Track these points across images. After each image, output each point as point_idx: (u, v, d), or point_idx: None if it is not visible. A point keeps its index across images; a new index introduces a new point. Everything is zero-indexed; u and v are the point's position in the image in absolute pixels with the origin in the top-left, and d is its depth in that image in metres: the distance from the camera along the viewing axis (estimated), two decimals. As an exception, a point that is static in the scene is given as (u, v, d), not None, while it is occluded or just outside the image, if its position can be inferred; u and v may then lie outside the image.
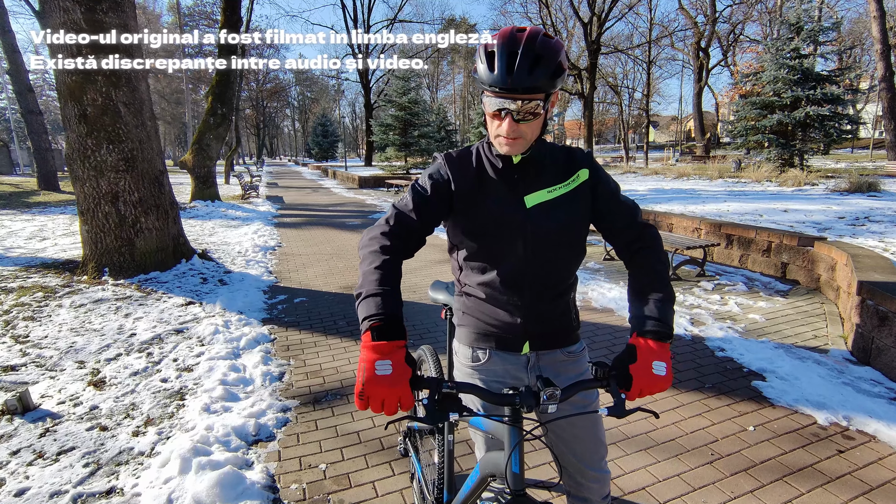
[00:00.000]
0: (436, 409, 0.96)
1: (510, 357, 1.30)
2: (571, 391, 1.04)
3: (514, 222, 1.21)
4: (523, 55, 1.05)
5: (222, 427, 2.58)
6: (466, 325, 1.34)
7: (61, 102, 5.05)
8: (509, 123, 1.10)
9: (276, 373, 3.34)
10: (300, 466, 2.36)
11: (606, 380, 1.06)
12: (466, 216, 1.24)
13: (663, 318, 1.14)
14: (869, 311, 3.36)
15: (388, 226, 1.20)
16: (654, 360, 1.08)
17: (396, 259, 1.15)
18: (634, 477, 2.25)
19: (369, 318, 1.02)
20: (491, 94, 1.09)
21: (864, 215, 7.18)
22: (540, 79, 1.06)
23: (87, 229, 5.23)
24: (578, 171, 1.26)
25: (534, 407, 0.99)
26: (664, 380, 1.08)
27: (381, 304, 1.04)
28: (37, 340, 3.72)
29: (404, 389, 0.95)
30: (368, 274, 1.10)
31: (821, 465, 2.31)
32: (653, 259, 1.24)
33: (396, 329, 1.02)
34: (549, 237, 1.22)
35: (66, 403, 2.87)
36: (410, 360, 1.00)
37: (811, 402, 2.83)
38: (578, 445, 1.34)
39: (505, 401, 1.02)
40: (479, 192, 1.23)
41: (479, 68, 1.10)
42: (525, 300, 1.25)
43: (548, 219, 1.22)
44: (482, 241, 1.24)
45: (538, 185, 1.23)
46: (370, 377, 0.94)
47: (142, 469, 2.30)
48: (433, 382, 0.97)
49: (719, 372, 3.27)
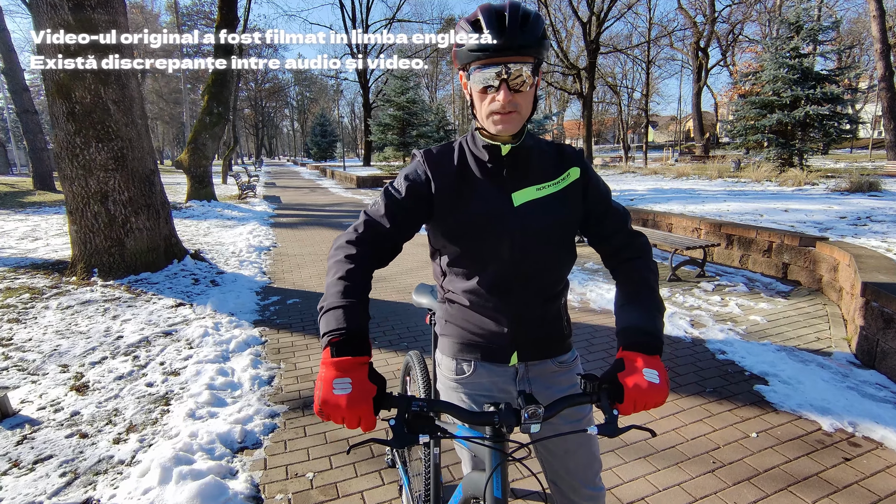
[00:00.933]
0: (404, 431, 0.87)
1: (497, 369, 1.21)
2: (556, 408, 0.95)
3: (500, 221, 1.11)
4: (511, 15, 0.98)
5: (207, 434, 2.49)
6: (450, 334, 1.24)
7: (49, 100, 4.95)
8: (505, 93, 1.00)
9: (266, 377, 3.25)
10: (286, 475, 2.27)
11: (596, 394, 0.96)
12: (449, 217, 1.14)
13: (653, 330, 1.06)
14: (874, 313, 3.28)
15: (356, 233, 1.11)
16: (645, 367, 0.99)
17: (363, 268, 1.06)
18: (633, 486, 2.16)
19: (329, 334, 0.94)
20: (479, 64, 1.01)
21: (866, 215, 7.10)
22: (531, 36, 0.99)
23: (76, 229, 5.13)
24: (569, 168, 1.17)
25: (515, 426, 0.90)
26: (659, 389, 0.98)
27: (342, 317, 0.95)
28: (20, 343, 3.63)
29: (365, 409, 0.86)
30: (331, 286, 1.02)
31: (826, 473, 2.23)
32: (643, 269, 1.16)
33: (359, 344, 0.93)
34: (539, 238, 1.13)
35: (47, 409, 2.78)
36: (376, 377, 0.92)
37: (815, 408, 2.74)
38: (571, 461, 1.25)
39: (483, 420, 0.92)
40: (462, 190, 1.13)
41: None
42: (512, 307, 1.16)
43: (537, 218, 1.12)
44: (466, 244, 1.14)
45: (527, 181, 1.14)
46: (326, 396, 0.86)
47: (121, 479, 2.21)
48: (401, 401, 0.88)
49: (720, 375, 3.19)
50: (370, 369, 0.92)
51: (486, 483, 0.97)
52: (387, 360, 3.51)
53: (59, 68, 4.79)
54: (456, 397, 1.24)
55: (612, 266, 1.22)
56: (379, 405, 0.89)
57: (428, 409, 0.90)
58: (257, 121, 60.48)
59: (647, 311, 1.09)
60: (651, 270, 1.16)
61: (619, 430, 0.91)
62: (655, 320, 1.08)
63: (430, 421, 0.90)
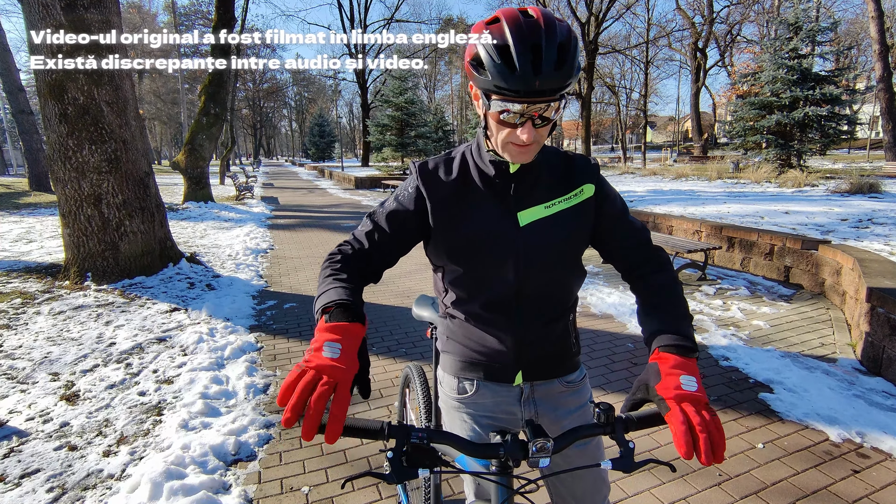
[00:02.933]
0: (402, 465, 0.80)
1: (501, 389, 1.14)
2: (566, 440, 0.87)
3: (504, 242, 1.04)
4: (549, 47, 0.85)
5: (200, 446, 2.42)
6: (451, 352, 1.18)
7: (41, 101, 4.87)
8: (530, 130, 0.90)
9: (261, 385, 3.18)
10: (281, 489, 2.21)
11: (611, 425, 0.88)
12: (449, 234, 1.07)
13: (687, 334, 0.95)
14: (880, 320, 3.23)
15: (340, 249, 1.07)
16: (683, 373, 0.86)
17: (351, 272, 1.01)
18: (638, 500, 2.10)
19: (323, 306, 0.88)
20: (501, 98, 0.88)
21: (867, 217, 7.06)
22: (571, 74, 0.87)
23: (69, 233, 5.06)
24: (583, 185, 1.09)
25: (522, 460, 0.84)
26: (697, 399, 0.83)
27: (335, 294, 0.90)
28: (10, 350, 3.55)
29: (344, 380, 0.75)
30: (322, 283, 0.97)
31: (835, 486, 2.17)
32: (669, 280, 1.08)
33: (353, 313, 0.86)
34: (546, 258, 1.06)
35: (36, 420, 2.71)
36: (364, 356, 0.84)
37: (822, 417, 2.69)
38: (579, 488, 1.19)
39: (488, 453, 0.85)
40: (463, 206, 1.06)
41: (488, 65, 0.87)
42: (516, 325, 1.09)
43: (544, 238, 1.05)
44: (468, 263, 1.07)
45: (533, 199, 1.06)
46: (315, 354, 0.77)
47: (110, 494, 2.14)
48: (400, 432, 0.81)
49: (724, 383, 3.13)
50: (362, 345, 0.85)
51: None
52: (384, 367, 3.44)
53: (51, 69, 4.72)
54: (458, 417, 1.18)
55: (633, 279, 1.14)
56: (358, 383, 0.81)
57: (428, 442, 0.84)
58: (255, 121, 60.37)
59: (679, 317, 0.99)
60: (676, 282, 1.08)
61: (635, 464, 0.83)
62: (688, 326, 0.98)
63: (431, 454, 0.84)
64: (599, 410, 0.88)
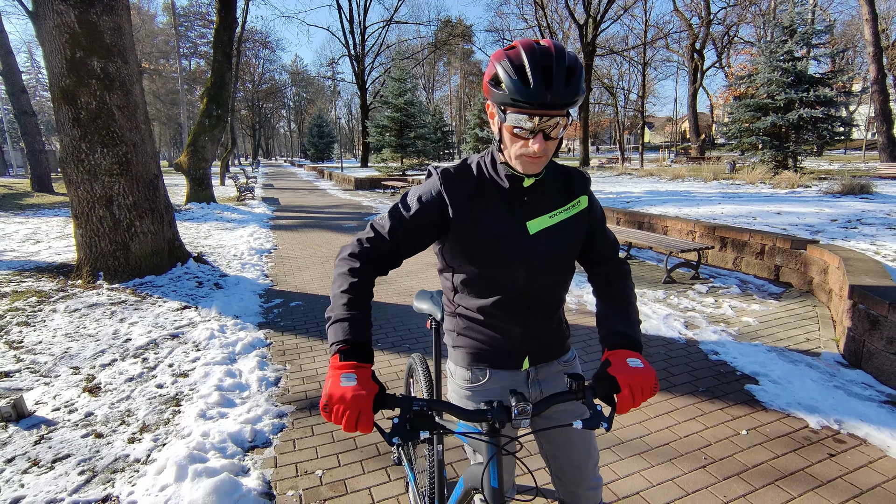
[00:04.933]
0: (406, 429, 0.96)
1: (510, 375, 1.30)
2: (544, 405, 1.05)
3: (516, 248, 1.19)
4: (559, 68, 1.00)
5: (218, 433, 2.58)
6: (463, 346, 1.32)
7: (55, 105, 5.02)
8: (541, 142, 1.05)
9: (272, 378, 3.34)
10: (297, 473, 2.37)
11: (581, 391, 1.06)
12: (466, 239, 1.19)
13: (635, 334, 1.20)
14: (860, 315, 3.40)
15: (360, 247, 1.18)
16: (627, 358, 1.11)
17: (365, 281, 1.14)
18: (628, 482, 2.27)
19: (336, 344, 1.04)
20: (517, 111, 1.03)
21: (857, 218, 7.24)
22: (575, 93, 1.02)
23: (81, 233, 5.21)
24: (579, 197, 1.26)
25: (506, 422, 1.00)
26: (645, 371, 1.08)
27: (348, 329, 1.05)
28: (31, 346, 3.71)
29: (365, 405, 0.95)
30: (337, 298, 1.11)
31: (812, 468, 2.34)
32: (628, 289, 1.30)
33: (363, 353, 1.03)
34: (550, 262, 1.22)
35: (61, 410, 2.86)
36: (377, 381, 1.01)
37: (803, 406, 2.86)
38: (574, 455, 1.35)
39: (478, 417, 1.02)
40: (479, 215, 1.18)
41: (506, 82, 1.02)
42: (522, 320, 1.25)
43: (549, 244, 1.21)
44: (481, 266, 1.21)
45: (540, 209, 1.21)
46: (333, 389, 0.95)
47: (138, 476, 2.30)
48: (404, 401, 0.97)
49: (713, 375, 3.30)
50: (372, 373, 1.02)
51: (482, 473, 1.07)
52: (389, 361, 3.61)
53: (65, 72, 4.87)
54: (471, 405, 1.32)
55: (599, 284, 1.34)
56: (378, 405, 0.98)
57: (428, 409, 1.00)
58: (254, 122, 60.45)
59: (629, 322, 1.23)
60: (632, 291, 1.31)
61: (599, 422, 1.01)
62: (636, 328, 1.22)
63: (430, 419, 1.00)
64: (572, 380, 1.06)
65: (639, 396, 1.06)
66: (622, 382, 1.06)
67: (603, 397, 1.08)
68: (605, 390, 1.08)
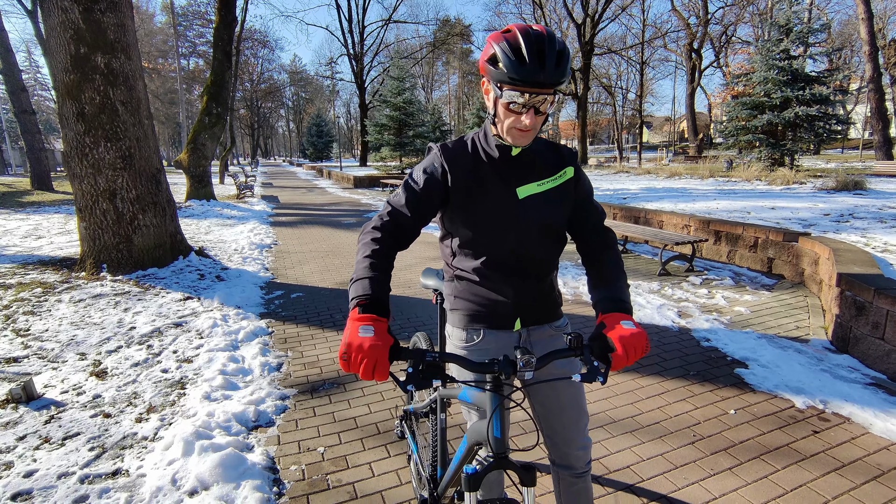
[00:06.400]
0: (420, 377, 1.04)
1: (503, 335, 1.39)
2: (547, 359, 1.13)
3: (508, 212, 1.30)
4: (551, 50, 1.11)
5: (223, 413, 2.66)
6: (459, 308, 1.42)
7: (59, 101, 5.10)
8: (532, 116, 1.16)
9: (275, 363, 3.42)
10: (299, 450, 2.45)
11: (580, 349, 1.15)
12: (463, 207, 1.31)
13: (626, 299, 1.28)
14: (847, 302, 3.49)
15: (381, 220, 1.29)
16: (621, 320, 1.19)
17: (387, 250, 1.24)
18: (619, 457, 2.36)
19: (357, 298, 1.12)
20: (512, 88, 1.13)
21: (849, 212, 7.34)
22: (564, 74, 1.13)
23: (85, 226, 5.28)
24: (565, 168, 1.37)
25: (511, 373, 1.08)
26: (638, 333, 1.16)
27: (367, 286, 1.14)
28: (38, 333, 3.79)
29: (382, 354, 1.02)
30: (360, 262, 1.21)
31: (796, 444, 2.43)
32: (616, 257, 1.38)
33: (381, 308, 1.11)
34: (538, 226, 1.33)
35: (70, 393, 2.95)
36: (392, 334, 1.08)
37: (790, 388, 2.95)
38: (565, 416, 1.44)
39: (485, 368, 1.11)
40: (475, 184, 1.30)
41: (503, 61, 1.12)
42: (514, 281, 1.35)
43: (537, 210, 1.32)
44: (477, 231, 1.32)
45: (529, 177, 1.33)
46: (352, 338, 1.03)
47: (146, 452, 2.38)
48: (417, 353, 1.05)
49: (704, 360, 3.39)
50: (388, 327, 1.11)
51: (487, 424, 1.15)
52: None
53: (70, 67, 4.94)
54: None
55: (587, 252, 1.42)
56: (393, 356, 1.05)
57: (440, 360, 1.09)
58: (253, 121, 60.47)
59: (620, 287, 1.31)
60: (620, 258, 1.39)
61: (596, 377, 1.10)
62: (627, 293, 1.31)
63: (441, 369, 1.08)
64: (570, 338, 1.14)
65: (632, 355, 1.14)
66: (617, 342, 1.14)
67: (599, 356, 1.16)
68: (601, 349, 1.16)
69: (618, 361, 1.14)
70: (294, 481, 2.21)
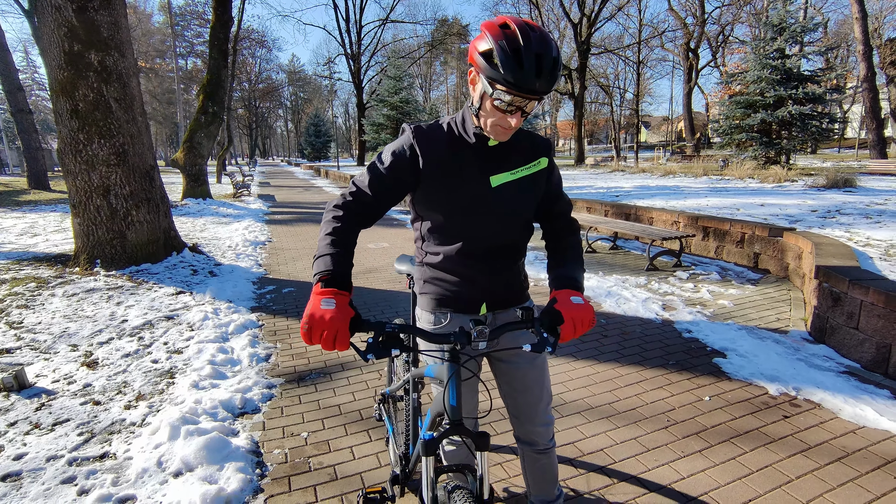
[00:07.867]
0: (379, 346, 1.10)
1: (469, 319, 1.44)
2: (500, 331, 1.20)
3: (480, 200, 1.32)
4: (547, 58, 1.11)
5: (210, 401, 2.73)
6: (428, 292, 1.46)
7: (53, 98, 5.16)
8: (518, 118, 1.17)
9: (263, 354, 3.49)
10: (283, 435, 2.52)
11: (531, 321, 1.21)
12: (433, 191, 1.32)
13: (579, 278, 1.36)
14: (825, 293, 3.57)
15: (344, 199, 1.33)
16: (571, 296, 1.26)
17: (349, 228, 1.28)
18: (594, 441, 2.42)
19: (319, 273, 1.18)
20: (506, 90, 1.12)
21: (836, 209, 7.42)
22: (555, 81, 1.15)
23: (78, 222, 5.34)
24: (539, 157, 1.40)
25: (466, 344, 1.15)
26: (584, 307, 1.23)
27: (329, 262, 1.19)
28: (31, 326, 3.85)
29: (342, 326, 1.07)
30: (322, 240, 1.26)
31: (766, 428, 2.50)
32: (576, 243, 1.46)
33: (342, 283, 1.17)
34: (509, 214, 1.36)
35: (61, 382, 3.01)
36: (353, 307, 1.14)
37: (765, 376, 3.02)
38: (529, 395, 1.51)
39: (441, 339, 1.17)
40: (448, 169, 1.30)
41: (501, 61, 1.10)
42: (482, 268, 1.39)
43: (510, 198, 1.35)
44: (447, 216, 1.34)
45: (504, 166, 1.35)
46: (314, 310, 1.08)
47: (133, 437, 2.45)
48: (377, 325, 1.12)
49: (684, 351, 3.46)
50: (350, 301, 1.17)
51: (443, 392, 1.22)
52: (376, 340, 3.75)
53: (63, 65, 5.00)
54: (432, 347, 1.48)
55: (551, 238, 1.49)
56: (354, 328, 1.11)
57: (399, 331, 1.15)
58: (251, 121, 60.50)
59: (574, 267, 1.39)
60: (580, 245, 1.47)
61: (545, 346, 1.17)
62: (580, 273, 1.38)
63: (399, 340, 1.15)
64: (522, 311, 1.21)
65: (579, 327, 1.21)
66: (566, 315, 1.20)
67: (548, 328, 1.22)
68: (551, 322, 1.22)
69: (566, 332, 1.20)
70: (277, 464, 2.28)
